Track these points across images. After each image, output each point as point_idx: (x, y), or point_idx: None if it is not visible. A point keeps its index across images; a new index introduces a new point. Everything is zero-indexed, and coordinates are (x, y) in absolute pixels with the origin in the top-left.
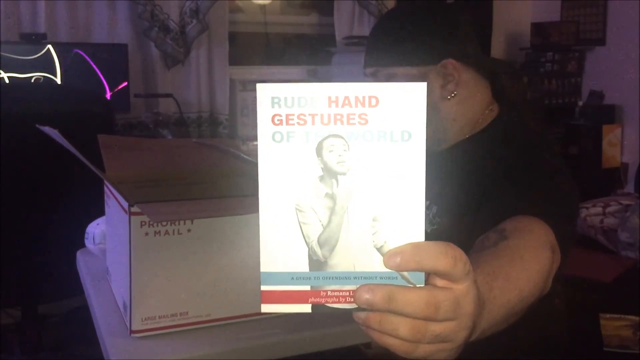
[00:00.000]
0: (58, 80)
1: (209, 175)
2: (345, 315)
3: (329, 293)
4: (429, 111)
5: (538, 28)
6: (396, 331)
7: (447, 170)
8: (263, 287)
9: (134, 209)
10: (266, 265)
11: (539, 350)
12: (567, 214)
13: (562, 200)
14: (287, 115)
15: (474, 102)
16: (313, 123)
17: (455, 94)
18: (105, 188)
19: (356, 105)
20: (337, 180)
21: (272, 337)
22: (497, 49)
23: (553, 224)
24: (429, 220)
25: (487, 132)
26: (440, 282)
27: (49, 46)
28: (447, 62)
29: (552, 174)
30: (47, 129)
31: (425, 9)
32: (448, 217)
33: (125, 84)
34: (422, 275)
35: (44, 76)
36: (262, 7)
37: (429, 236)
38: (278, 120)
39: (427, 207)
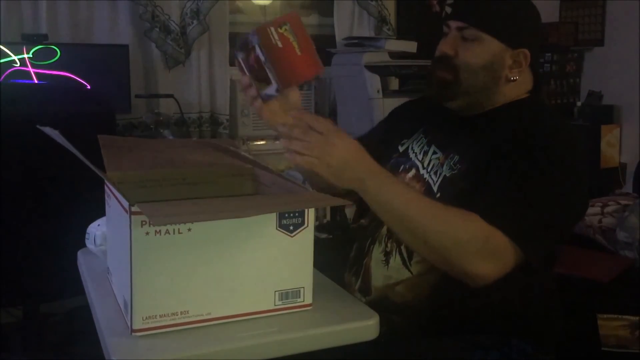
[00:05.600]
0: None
1: (209, 175)
2: (345, 315)
3: None
4: (490, 83)
5: None
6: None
7: (473, 132)
8: None
9: (135, 208)
10: None
11: (534, 325)
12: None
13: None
14: None
15: (523, 87)
16: None
17: (516, 79)
18: (106, 188)
19: None
20: None
21: (272, 335)
22: None
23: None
24: (449, 167)
25: (513, 106)
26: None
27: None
28: (522, 51)
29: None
30: (47, 130)
31: None
32: (465, 165)
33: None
34: None
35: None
36: (263, 8)
37: (449, 180)
38: None
39: (450, 157)
